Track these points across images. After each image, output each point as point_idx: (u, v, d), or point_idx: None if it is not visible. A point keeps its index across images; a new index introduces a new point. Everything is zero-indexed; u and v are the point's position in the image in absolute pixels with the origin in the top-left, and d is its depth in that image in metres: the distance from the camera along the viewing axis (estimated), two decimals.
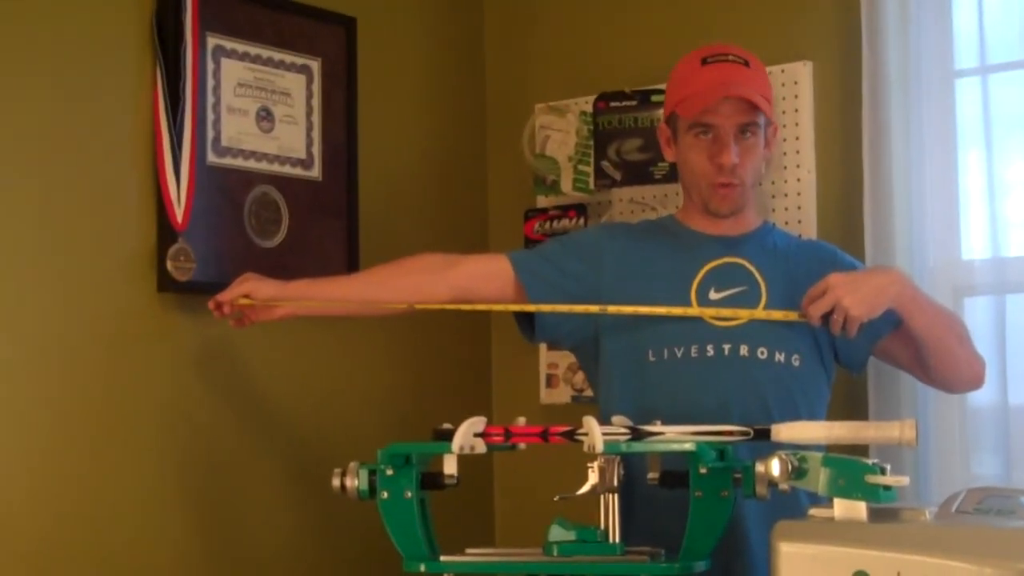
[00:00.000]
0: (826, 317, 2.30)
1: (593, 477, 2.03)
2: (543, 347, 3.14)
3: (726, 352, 2.38)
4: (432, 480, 2.07)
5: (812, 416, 2.34)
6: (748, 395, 2.36)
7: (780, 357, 2.39)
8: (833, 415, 2.45)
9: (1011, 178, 2.64)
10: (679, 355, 2.39)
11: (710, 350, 2.38)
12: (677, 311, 2.38)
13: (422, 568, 2.02)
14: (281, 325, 2.59)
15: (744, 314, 2.38)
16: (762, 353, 2.38)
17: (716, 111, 2.38)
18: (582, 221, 3.07)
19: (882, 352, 2.48)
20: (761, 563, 2.25)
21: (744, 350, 2.38)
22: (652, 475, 2.08)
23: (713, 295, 2.42)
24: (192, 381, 2.64)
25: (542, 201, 3.17)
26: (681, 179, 2.51)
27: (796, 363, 2.39)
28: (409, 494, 2.05)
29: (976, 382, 2.47)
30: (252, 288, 2.43)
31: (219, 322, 2.51)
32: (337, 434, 2.87)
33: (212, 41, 2.68)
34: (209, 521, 2.67)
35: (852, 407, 2.67)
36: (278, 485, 2.78)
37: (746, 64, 2.42)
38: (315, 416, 2.88)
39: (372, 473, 2.06)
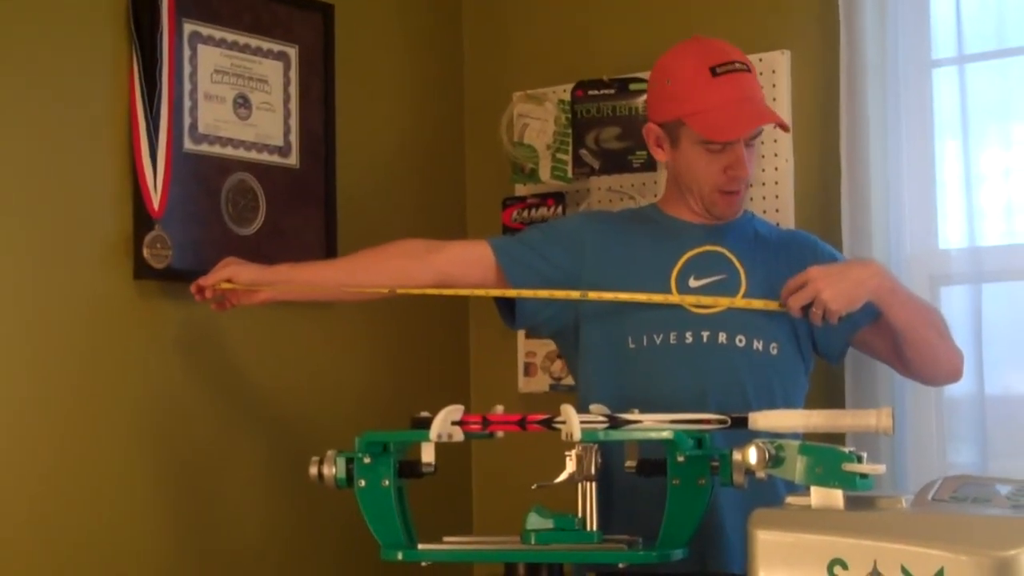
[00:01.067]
0: (806, 308, 2.31)
1: (571, 465, 2.03)
2: (521, 336, 3.14)
3: (705, 339, 2.38)
4: (410, 468, 2.06)
5: (789, 404, 2.34)
6: (726, 382, 2.37)
7: (758, 345, 2.39)
8: (810, 404, 2.45)
9: (987, 168, 2.65)
10: (658, 342, 2.39)
11: (689, 337, 2.38)
12: (657, 298, 2.39)
13: (399, 556, 2.02)
14: (259, 313, 2.58)
15: (724, 302, 2.39)
16: (740, 341, 2.39)
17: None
18: (560, 209, 3.07)
19: (861, 343, 2.48)
20: (737, 551, 2.26)
21: (723, 338, 2.38)
22: (630, 463, 2.08)
23: (693, 283, 2.42)
24: (168, 369, 2.63)
25: (520, 189, 3.16)
26: (680, 181, 2.47)
27: (774, 351, 2.40)
28: (387, 482, 2.04)
29: (954, 375, 2.48)
30: (234, 272, 2.43)
31: (196, 309, 2.51)
32: (315, 422, 2.87)
33: (189, 27, 2.67)
34: (187, 508, 2.66)
35: (829, 396, 2.68)
36: (256, 472, 2.78)
37: (748, 70, 2.41)
38: (293, 403, 2.87)
39: (350, 461, 2.05)
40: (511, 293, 2.46)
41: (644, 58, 2.51)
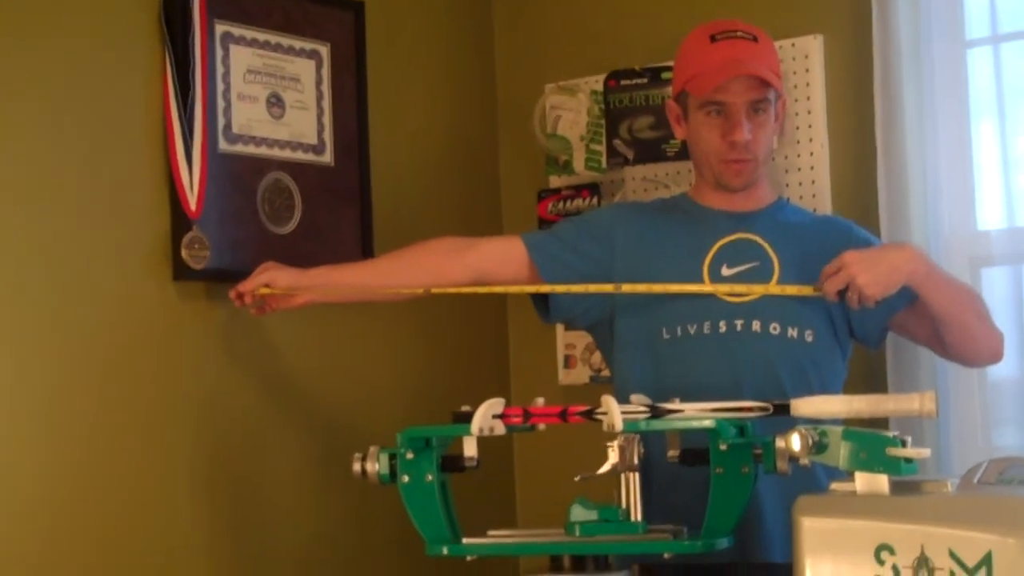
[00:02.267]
0: (842, 293, 2.30)
1: (613, 456, 2.02)
2: (560, 328, 3.14)
3: (739, 328, 2.38)
4: (452, 463, 2.06)
5: (825, 391, 2.31)
6: (760, 371, 2.36)
7: (793, 333, 2.38)
8: (851, 389, 2.44)
9: None
10: (692, 332, 2.39)
11: (723, 326, 2.38)
12: (691, 288, 2.39)
13: (445, 551, 2.03)
14: (299, 311, 2.59)
15: (759, 289, 2.38)
16: (775, 329, 2.38)
17: (727, 89, 2.38)
18: (595, 200, 3.07)
19: (899, 327, 2.47)
20: (778, 539, 2.26)
21: (756, 326, 2.38)
22: (672, 453, 2.07)
23: (725, 271, 2.42)
24: (210, 369, 2.64)
25: (555, 181, 3.16)
26: (692, 156, 2.51)
27: (809, 338, 2.39)
28: (430, 477, 2.05)
29: (994, 357, 2.47)
30: (272, 277, 2.46)
31: (236, 309, 2.53)
32: (358, 419, 2.88)
33: (220, 28, 2.68)
34: (233, 506, 2.67)
35: (871, 381, 2.66)
36: (300, 470, 2.79)
37: (754, 39, 2.42)
38: (336, 401, 2.88)
39: (392, 457, 2.06)
40: (545, 289, 2.47)
41: (675, 47, 2.50)
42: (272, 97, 2.78)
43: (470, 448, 2.04)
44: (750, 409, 2.07)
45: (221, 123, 2.67)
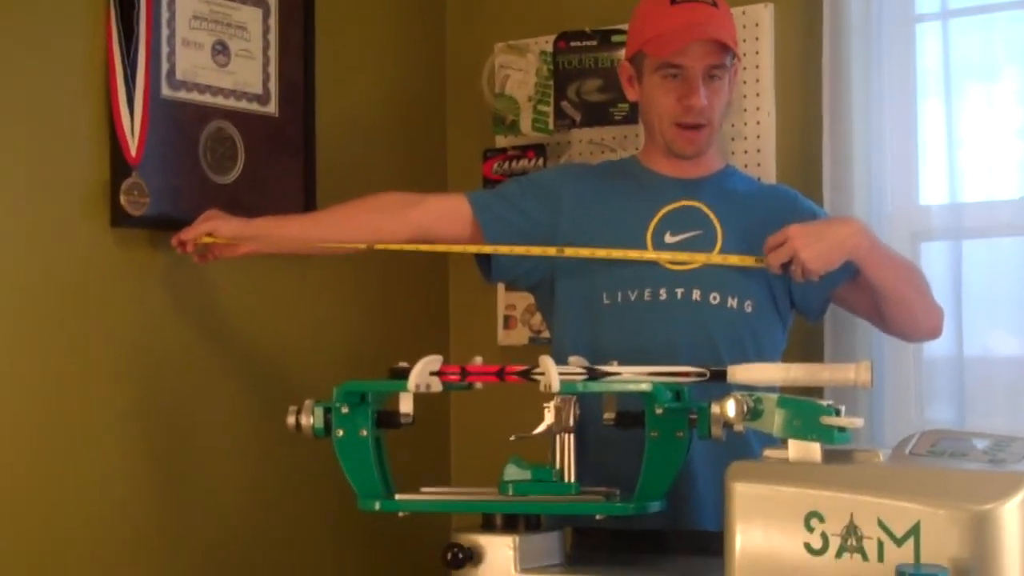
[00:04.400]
0: (786, 265, 2.31)
1: (549, 417, 2.03)
2: (501, 288, 3.13)
3: (679, 296, 2.38)
4: (388, 419, 2.06)
5: (762, 361, 2.34)
6: (698, 340, 2.36)
7: (732, 302, 2.39)
8: (789, 358, 2.44)
9: (969, 123, 2.64)
10: (632, 299, 2.39)
11: (663, 294, 2.38)
12: (634, 254, 2.38)
13: (377, 506, 2.03)
14: (240, 262, 2.58)
15: (701, 258, 2.38)
16: (714, 298, 2.38)
17: (686, 52, 2.37)
18: (541, 162, 3.06)
19: (840, 300, 2.48)
20: (709, 504, 2.27)
21: (696, 295, 2.38)
22: (608, 415, 2.08)
23: (669, 239, 2.42)
24: (145, 317, 2.61)
25: (501, 141, 3.15)
26: (644, 119, 2.50)
27: (749, 309, 2.39)
28: (364, 432, 2.04)
29: (933, 332, 2.49)
30: (215, 226, 2.45)
31: (174, 258, 2.50)
32: (296, 372, 2.86)
33: None
34: (168, 456, 2.64)
35: (808, 352, 2.68)
36: (237, 422, 2.77)
37: (714, 4, 2.41)
38: (275, 353, 2.86)
39: (327, 411, 2.05)
40: (488, 249, 2.46)
41: (626, 10, 2.49)
42: (217, 44, 2.74)
43: (406, 404, 2.04)
44: (687, 374, 2.08)
45: (165, 68, 2.63)
